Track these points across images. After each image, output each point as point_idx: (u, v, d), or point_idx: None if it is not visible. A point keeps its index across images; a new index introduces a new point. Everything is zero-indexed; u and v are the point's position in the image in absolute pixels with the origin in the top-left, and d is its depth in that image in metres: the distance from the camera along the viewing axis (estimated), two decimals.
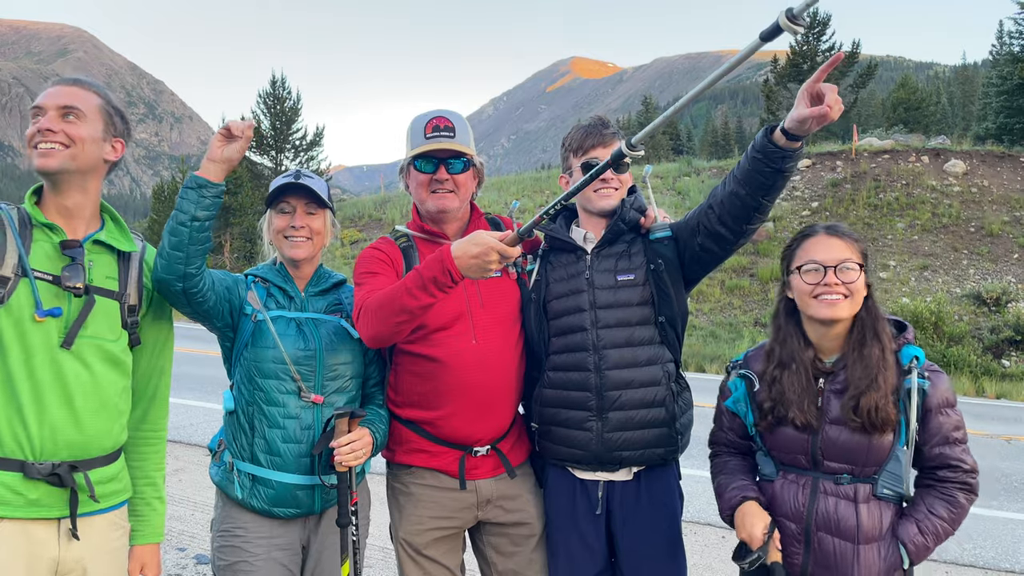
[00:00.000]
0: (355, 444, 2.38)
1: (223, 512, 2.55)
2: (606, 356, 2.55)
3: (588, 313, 2.58)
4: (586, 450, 2.57)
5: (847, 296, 2.15)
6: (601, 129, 2.65)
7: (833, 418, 2.18)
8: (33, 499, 1.96)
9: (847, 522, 2.16)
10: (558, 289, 2.64)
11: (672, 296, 2.59)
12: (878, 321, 2.18)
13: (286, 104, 33.33)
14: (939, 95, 61.02)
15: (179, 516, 5.54)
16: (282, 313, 2.53)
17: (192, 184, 2.24)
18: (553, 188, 31.00)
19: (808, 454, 2.22)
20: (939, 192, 21.79)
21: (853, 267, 2.16)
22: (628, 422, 2.54)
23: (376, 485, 2.79)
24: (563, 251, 2.70)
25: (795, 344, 2.26)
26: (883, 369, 2.11)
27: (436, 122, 2.52)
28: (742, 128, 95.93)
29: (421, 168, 2.53)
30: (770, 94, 41.06)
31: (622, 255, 2.63)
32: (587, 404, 2.56)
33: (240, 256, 29.03)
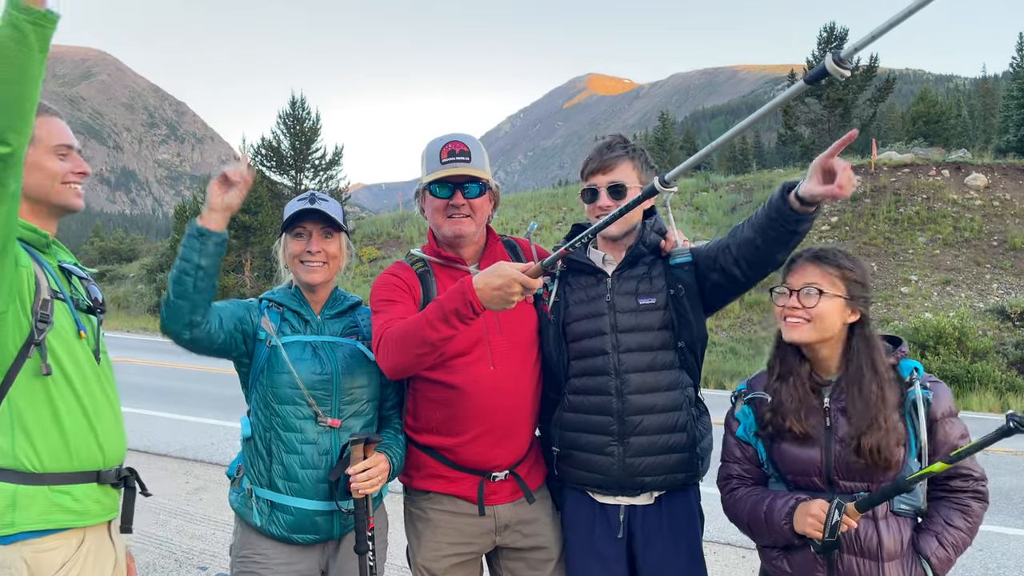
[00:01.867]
0: (371, 471, 2.37)
1: (242, 538, 2.55)
2: (628, 380, 2.52)
3: (609, 336, 2.55)
4: (607, 475, 2.54)
5: (808, 320, 2.18)
6: (602, 154, 2.59)
7: (841, 437, 2.17)
8: (107, 505, 2.13)
9: (869, 541, 2.14)
10: (578, 311, 2.61)
11: (692, 322, 2.56)
12: (874, 351, 2.19)
13: (305, 124, 33.61)
14: (959, 108, 60.52)
15: (200, 535, 5.56)
16: (297, 338, 2.53)
17: (194, 232, 2.27)
18: (571, 205, 31.01)
19: (822, 474, 2.21)
20: (960, 206, 21.58)
21: (813, 292, 2.17)
22: (650, 447, 2.52)
23: (395, 505, 2.79)
24: (582, 272, 2.67)
25: (792, 359, 2.29)
26: (883, 407, 2.11)
27: (451, 146, 2.51)
28: (760, 143, 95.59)
29: (437, 193, 2.52)
30: (788, 109, 40.92)
31: (643, 278, 2.60)
32: (608, 429, 2.53)
33: (260, 275, 29.23)
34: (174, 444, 8.17)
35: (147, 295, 29.81)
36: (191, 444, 8.26)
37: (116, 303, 30.57)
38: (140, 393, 10.99)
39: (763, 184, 27.34)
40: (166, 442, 8.28)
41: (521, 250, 2.76)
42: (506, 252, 2.72)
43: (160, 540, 5.45)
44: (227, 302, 2.55)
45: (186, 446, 8.01)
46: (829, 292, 2.17)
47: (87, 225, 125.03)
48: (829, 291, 2.17)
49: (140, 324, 24.69)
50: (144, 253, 44.29)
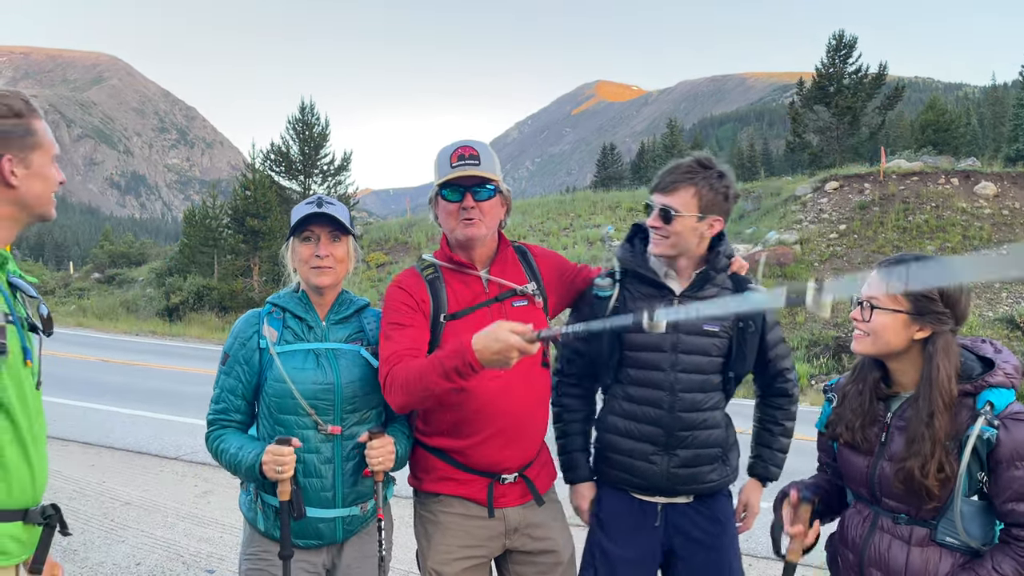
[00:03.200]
0: (379, 450, 2.45)
1: (250, 537, 2.60)
2: (681, 398, 2.63)
3: (668, 355, 2.63)
4: (649, 481, 2.67)
5: (867, 334, 2.13)
6: (668, 174, 2.60)
7: (891, 454, 2.12)
8: (25, 543, 1.92)
9: (895, 562, 2.10)
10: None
11: (747, 356, 2.69)
12: (932, 377, 2.04)
13: (315, 130, 33.75)
14: (968, 116, 60.34)
15: (208, 538, 5.59)
16: (299, 346, 2.54)
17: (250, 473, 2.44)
18: (578, 211, 31.03)
19: (868, 487, 2.19)
20: (970, 214, 21.51)
21: (868, 307, 2.13)
22: (694, 460, 2.65)
23: (400, 509, 2.81)
24: (644, 282, 2.69)
25: (867, 367, 2.25)
26: (929, 437, 2.00)
27: (461, 151, 2.54)
28: (768, 150, 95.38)
29: (448, 197, 2.55)
30: (796, 116, 40.90)
31: (711, 301, 2.61)
32: (657, 439, 2.65)
33: (268, 280, 29.34)
34: (184, 447, 8.20)
35: (156, 299, 29.90)
36: (201, 447, 8.28)
37: (125, 307, 30.65)
38: (151, 397, 11.04)
39: (771, 191, 27.31)
40: (176, 445, 8.31)
41: (532, 256, 2.79)
42: (516, 257, 2.75)
43: (167, 543, 5.47)
44: (231, 375, 2.57)
45: (196, 449, 8.04)
46: (886, 307, 2.09)
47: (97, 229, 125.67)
48: (887, 306, 2.09)
49: (149, 328, 24.75)
50: (153, 257, 44.49)
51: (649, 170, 65.09)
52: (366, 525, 2.64)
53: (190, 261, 32.06)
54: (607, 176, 68.45)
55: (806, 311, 16.83)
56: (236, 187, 31.17)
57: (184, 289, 28.49)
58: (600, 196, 34.12)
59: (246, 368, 2.54)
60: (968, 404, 2.03)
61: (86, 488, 6.70)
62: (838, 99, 38.68)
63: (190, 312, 27.46)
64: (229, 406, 2.56)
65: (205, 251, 31.86)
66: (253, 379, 2.54)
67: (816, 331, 17.03)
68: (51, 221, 2.04)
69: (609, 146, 77.49)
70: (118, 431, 8.94)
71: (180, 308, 27.80)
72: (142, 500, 6.45)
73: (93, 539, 5.48)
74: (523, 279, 2.68)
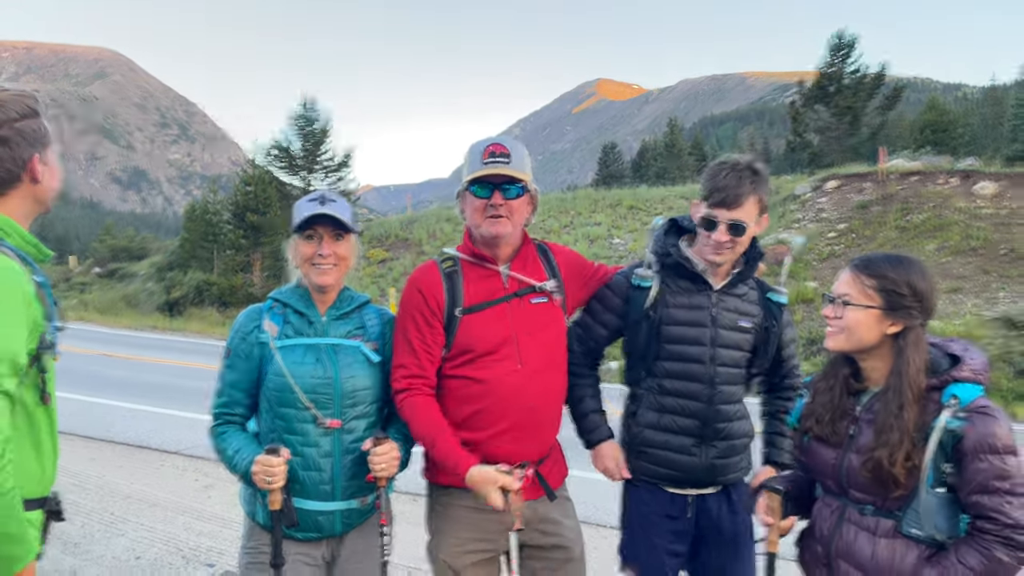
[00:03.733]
0: (383, 456, 2.48)
1: (250, 530, 2.64)
2: (720, 391, 2.74)
3: (707, 349, 2.73)
4: (688, 474, 2.77)
5: (841, 330, 2.19)
6: (735, 187, 2.58)
7: (858, 447, 2.16)
8: (38, 533, 1.98)
9: (862, 554, 2.14)
10: (679, 316, 2.75)
11: (768, 355, 2.82)
12: (903, 365, 2.09)
13: (315, 126, 33.72)
14: (968, 116, 60.28)
15: (208, 532, 5.62)
16: (300, 340, 2.57)
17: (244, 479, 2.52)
18: (578, 209, 31.02)
19: (835, 479, 2.23)
20: (969, 214, 21.50)
21: (840, 303, 2.19)
22: (729, 450, 2.78)
23: (401, 505, 2.85)
24: (682, 275, 2.77)
25: (840, 360, 2.31)
26: (897, 427, 2.04)
27: (493, 148, 2.58)
28: (768, 149, 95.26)
29: (477, 193, 2.58)
30: (796, 116, 40.86)
31: (743, 299, 2.79)
32: (694, 432, 2.74)
33: (270, 275, 29.34)
34: (184, 441, 8.24)
35: (156, 293, 29.91)
36: (202, 442, 8.30)
37: (126, 301, 30.65)
38: (152, 391, 11.08)
39: (771, 190, 27.31)
40: (176, 439, 8.35)
41: (552, 254, 2.83)
42: (537, 255, 2.79)
43: (168, 537, 5.51)
44: (235, 369, 2.61)
45: (196, 444, 8.07)
46: (859, 303, 2.15)
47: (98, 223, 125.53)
48: (860, 302, 2.15)
49: (149, 322, 24.78)
50: (154, 252, 44.39)
51: (650, 168, 65.06)
52: (366, 518, 2.67)
53: (191, 256, 32.04)
54: (608, 174, 68.33)
55: (803, 311, 16.86)
56: (237, 183, 31.16)
57: (185, 284, 28.52)
58: (601, 194, 34.06)
59: (247, 362, 2.58)
60: (934, 398, 2.07)
61: (86, 481, 6.74)
62: (838, 99, 38.62)
63: (190, 307, 27.48)
64: (232, 400, 2.60)
65: (206, 246, 31.85)
66: (254, 373, 2.58)
67: (814, 330, 17.05)
68: (49, 214, 2.11)
69: (610, 144, 77.35)
70: (119, 425, 8.98)
71: (180, 303, 27.83)
72: (142, 494, 6.49)
73: (93, 532, 5.52)
74: (543, 276, 2.72)
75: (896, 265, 2.16)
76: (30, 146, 1.89)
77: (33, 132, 1.90)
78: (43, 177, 1.95)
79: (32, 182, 1.92)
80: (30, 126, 1.89)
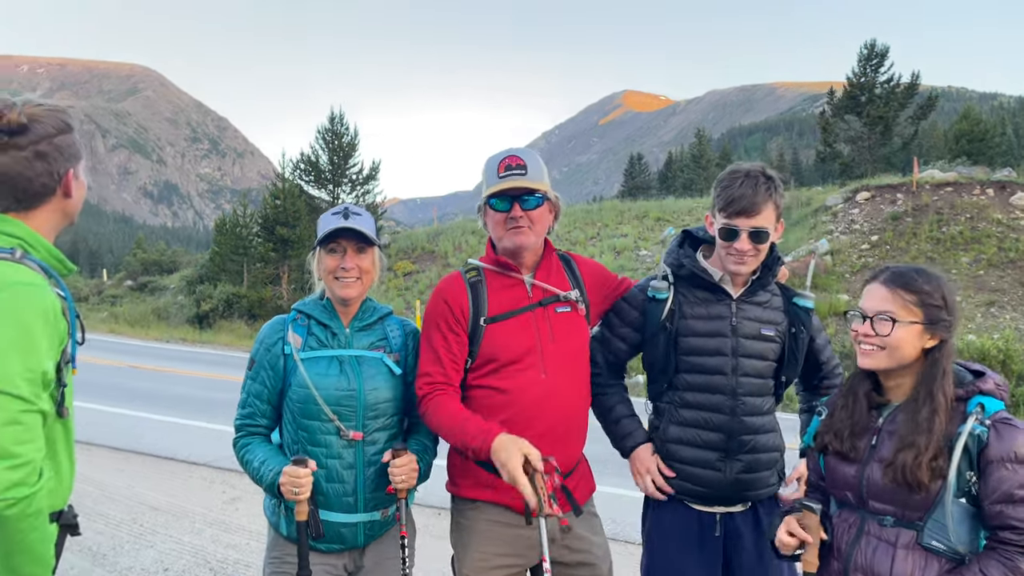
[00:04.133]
0: (402, 468, 2.48)
1: (274, 540, 2.64)
2: (744, 402, 2.67)
3: (729, 359, 2.67)
4: (715, 489, 2.68)
5: (882, 348, 2.11)
6: (752, 195, 2.55)
7: (880, 457, 2.12)
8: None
9: (881, 567, 2.08)
10: (698, 327, 2.70)
11: (798, 361, 2.76)
12: (936, 379, 2.08)
13: (343, 139, 34.01)
14: (1004, 126, 59.35)
15: (235, 545, 5.61)
16: (323, 352, 2.58)
17: (270, 490, 2.50)
18: (604, 221, 30.95)
19: (856, 491, 2.18)
20: (1005, 226, 21.09)
21: (887, 320, 2.10)
22: (756, 464, 2.69)
23: (425, 519, 2.80)
24: (699, 286, 2.73)
25: (859, 377, 2.25)
26: (926, 431, 2.02)
27: (508, 161, 2.59)
28: (798, 160, 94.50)
29: (496, 207, 2.59)
30: (826, 126, 40.52)
31: (765, 306, 2.72)
32: (719, 445, 2.67)
33: (297, 288, 29.58)
34: (212, 454, 8.27)
35: (187, 306, 30.27)
36: (228, 454, 8.33)
37: (156, 314, 31.07)
38: (180, 403, 11.16)
39: (801, 202, 27.03)
40: (204, 452, 8.38)
41: (576, 264, 2.83)
42: (561, 265, 2.78)
43: (195, 549, 5.51)
44: (257, 382, 2.61)
45: (223, 456, 8.08)
46: (904, 320, 2.09)
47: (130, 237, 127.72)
48: (904, 319, 2.09)
49: (179, 335, 25.07)
50: (185, 265, 45.07)
51: (676, 180, 64.82)
52: (387, 529, 2.66)
53: (220, 269, 32.41)
54: (634, 186, 68.25)
55: (836, 324, 16.59)
56: (266, 196, 31.47)
57: (214, 297, 28.82)
58: (627, 206, 34.01)
59: (271, 373, 2.59)
60: (959, 409, 2.07)
61: (115, 493, 6.78)
62: (869, 108, 38.26)
63: (220, 319, 27.77)
64: (255, 411, 2.61)
65: (235, 259, 32.21)
66: (278, 384, 2.59)
67: (848, 343, 16.77)
68: (83, 229, 2.09)
69: (636, 156, 77.29)
70: (147, 436, 9.04)
71: (210, 316, 28.12)
72: (170, 505, 6.51)
73: (122, 544, 5.54)
74: (567, 286, 2.71)
75: (928, 278, 2.14)
76: (66, 161, 1.91)
77: (69, 147, 1.93)
78: (74, 192, 1.97)
79: (64, 196, 1.95)
80: (66, 141, 1.92)
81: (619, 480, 7.48)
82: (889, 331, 2.10)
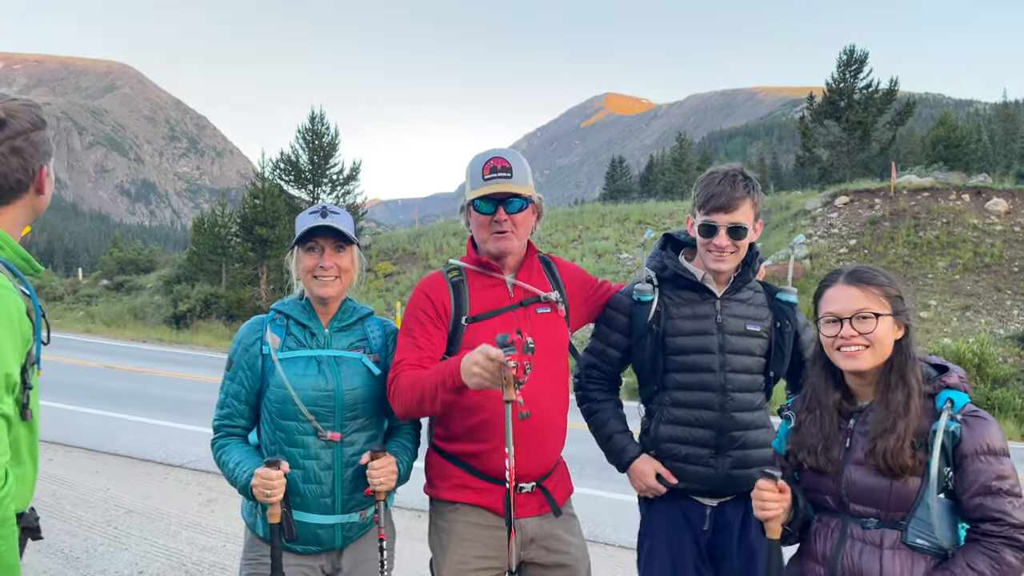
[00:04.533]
0: (381, 470, 2.45)
1: (251, 541, 2.62)
2: (733, 398, 2.70)
3: (717, 356, 2.71)
4: (706, 485, 2.74)
5: (868, 346, 2.11)
6: (727, 192, 2.61)
7: (856, 459, 2.12)
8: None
9: (869, 569, 2.06)
10: (684, 326, 2.74)
11: (785, 356, 2.79)
12: (907, 364, 2.12)
13: (324, 139, 33.87)
14: (979, 133, 60.17)
15: (211, 547, 5.55)
16: (302, 352, 2.56)
17: (244, 492, 2.47)
18: (586, 223, 31.03)
19: (835, 495, 2.17)
20: (981, 231, 21.40)
21: (869, 316, 2.11)
22: (747, 460, 2.71)
23: (405, 521, 2.78)
24: (683, 287, 2.77)
25: (822, 388, 2.25)
26: (904, 414, 2.05)
27: (494, 163, 2.57)
28: (778, 164, 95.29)
29: (480, 209, 2.57)
30: (806, 131, 40.86)
31: (749, 303, 2.77)
32: (710, 442, 2.71)
33: (276, 288, 29.40)
34: (188, 455, 8.18)
35: (164, 306, 29.97)
36: (205, 455, 8.26)
37: (133, 314, 30.71)
38: (157, 404, 11.04)
39: (780, 206, 27.25)
40: (181, 453, 8.29)
41: (556, 267, 2.83)
42: (542, 267, 2.78)
43: (170, 551, 5.44)
44: (235, 381, 2.58)
45: (200, 457, 8.02)
46: (883, 313, 2.11)
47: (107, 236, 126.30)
48: (883, 311, 2.11)
49: (156, 335, 24.81)
50: (162, 264, 44.59)
51: (658, 183, 65.11)
52: (365, 532, 2.64)
53: (198, 269, 32.13)
54: (616, 189, 68.53)
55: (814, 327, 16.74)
56: (245, 196, 31.26)
57: (192, 297, 28.57)
58: (609, 208, 34.12)
59: (249, 374, 2.57)
60: (928, 405, 2.09)
61: (89, 495, 6.69)
62: (848, 114, 38.65)
63: (197, 320, 27.53)
64: (233, 411, 2.59)
65: (213, 259, 31.95)
66: (256, 384, 2.57)
67: None
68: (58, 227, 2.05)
69: (618, 159, 77.60)
70: (123, 438, 8.93)
71: (187, 316, 27.88)
72: (145, 508, 6.42)
73: (96, 546, 5.46)
74: (547, 287, 2.72)
75: (881, 272, 2.20)
76: (41, 157, 1.88)
77: (43, 143, 1.90)
78: (46, 189, 1.94)
79: (37, 193, 1.92)
80: (40, 137, 1.89)
81: (598, 482, 7.52)
82: (874, 327, 2.10)
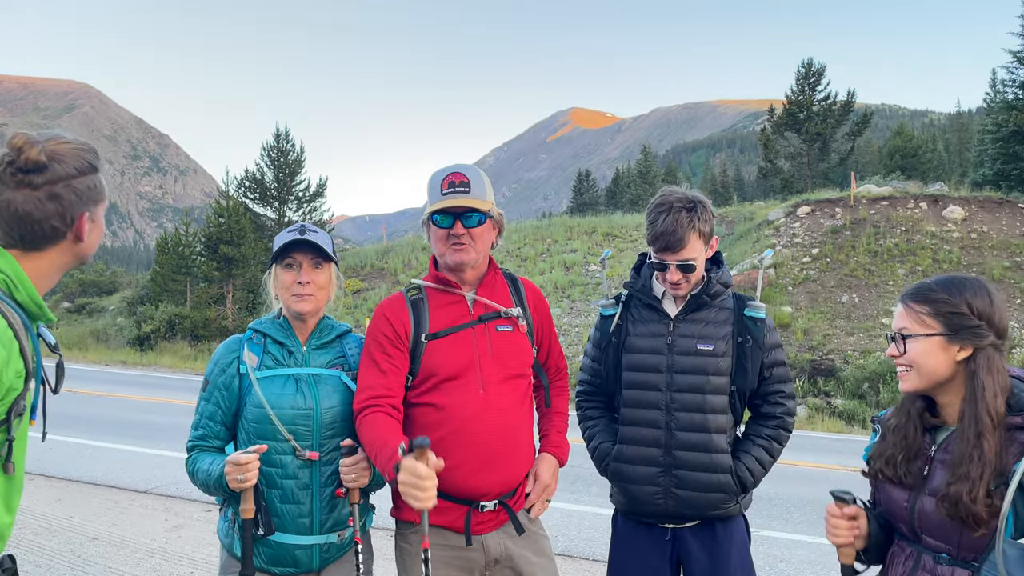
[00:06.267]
0: (352, 467, 2.43)
1: (227, 563, 2.57)
2: (677, 417, 2.71)
3: (664, 375, 2.74)
4: (655, 505, 2.74)
5: (909, 367, 2.02)
6: (674, 231, 2.62)
7: (932, 489, 1.98)
8: None
9: None
10: (638, 344, 2.79)
11: (748, 372, 2.75)
12: (976, 393, 1.92)
13: (289, 156, 33.68)
14: (935, 142, 61.63)
15: (178, 574, 5.44)
16: (280, 371, 2.54)
17: (220, 484, 2.42)
18: (555, 237, 31.12)
19: (908, 523, 2.07)
20: (939, 238, 21.86)
21: (899, 338, 2.04)
22: (695, 484, 2.69)
23: (379, 540, 2.75)
24: (645, 306, 2.84)
25: (909, 400, 2.14)
26: (975, 457, 1.87)
27: (452, 178, 2.58)
28: (740, 175, 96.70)
29: (439, 223, 2.59)
30: (767, 143, 41.53)
31: (706, 323, 2.76)
32: (657, 460, 2.73)
33: (242, 307, 29.03)
34: (154, 480, 8.02)
35: (127, 328, 29.42)
36: (171, 480, 8.11)
37: (95, 336, 30.13)
38: (121, 428, 10.82)
39: (744, 216, 27.61)
40: (145, 479, 8.13)
41: (522, 285, 2.84)
42: (505, 282, 2.80)
43: None
44: (212, 399, 2.56)
45: (166, 482, 7.87)
46: (917, 334, 2.00)
47: None
48: (917, 332, 2.00)
49: (119, 357, 24.35)
50: (124, 286, 43.83)
51: (624, 195, 65.63)
52: (343, 553, 2.61)
53: (162, 289, 31.63)
54: (583, 202, 68.94)
55: (779, 335, 16.93)
56: (209, 214, 30.88)
57: (156, 318, 28.08)
58: (576, 221, 34.26)
59: (225, 394, 2.55)
60: (1018, 439, 1.88)
61: (52, 523, 6.52)
62: (808, 125, 39.36)
63: (162, 341, 27.07)
64: (208, 432, 2.56)
65: (178, 279, 31.49)
66: (233, 405, 2.55)
67: (792, 354, 17.15)
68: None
69: (584, 172, 78.12)
70: (86, 464, 8.73)
71: (152, 337, 27.39)
72: (110, 535, 6.28)
73: None
74: (510, 303, 2.72)
75: (948, 286, 2.01)
76: (82, 204, 1.79)
77: (88, 190, 1.80)
78: (88, 236, 1.84)
79: (75, 241, 1.82)
80: (86, 183, 1.79)
81: (572, 496, 7.51)
82: (903, 349, 2.03)
